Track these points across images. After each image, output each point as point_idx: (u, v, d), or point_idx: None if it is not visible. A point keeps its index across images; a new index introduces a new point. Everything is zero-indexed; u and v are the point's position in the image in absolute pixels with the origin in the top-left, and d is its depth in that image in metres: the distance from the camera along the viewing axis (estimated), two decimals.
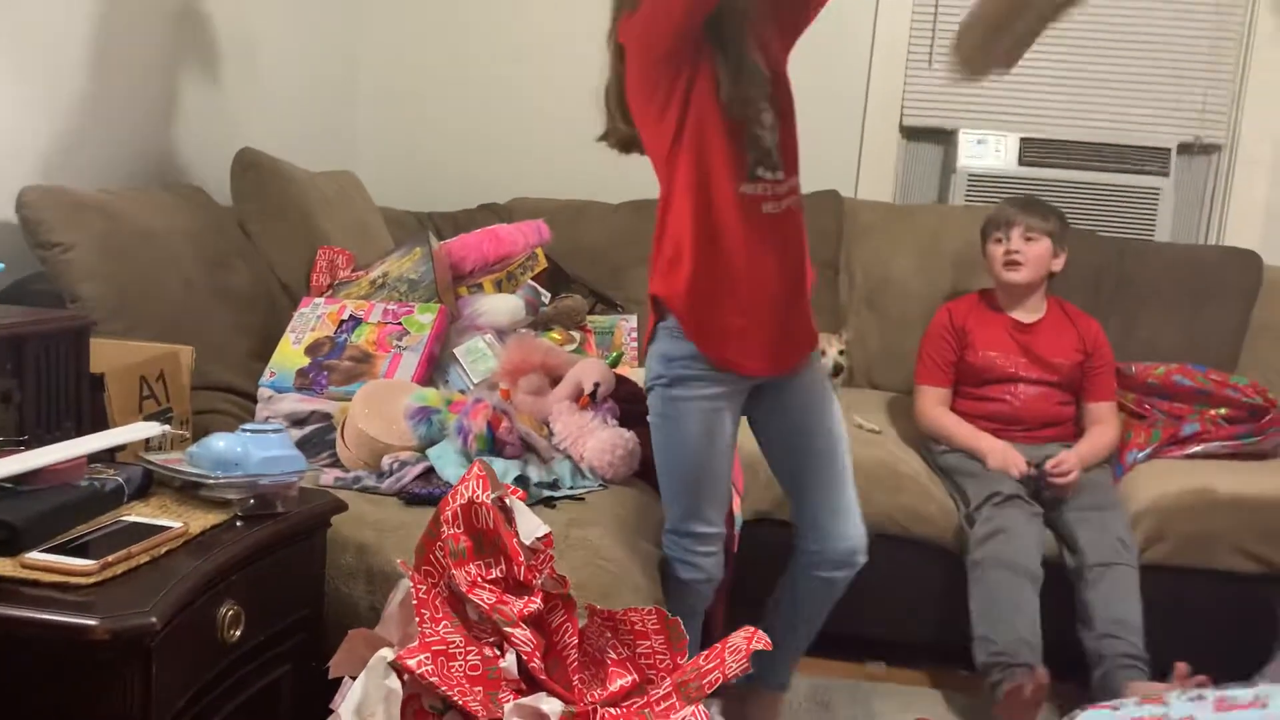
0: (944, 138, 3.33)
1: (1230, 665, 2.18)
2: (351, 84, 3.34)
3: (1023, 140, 3.17)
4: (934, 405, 2.61)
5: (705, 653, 1.40)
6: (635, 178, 3.20)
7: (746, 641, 1.39)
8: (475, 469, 1.43)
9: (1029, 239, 2.56)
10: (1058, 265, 2.60)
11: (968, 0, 1.64)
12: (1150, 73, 3.19)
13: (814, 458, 1.85)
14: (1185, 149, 3.21)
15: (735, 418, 1.81)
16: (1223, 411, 2.55)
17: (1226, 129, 3.21)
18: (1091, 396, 2.58)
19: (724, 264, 1.72)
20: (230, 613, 1.31)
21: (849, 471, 1.86)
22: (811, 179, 3.05)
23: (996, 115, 3.27)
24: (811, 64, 3.24)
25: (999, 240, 2.59)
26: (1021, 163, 3.17)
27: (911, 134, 3.36)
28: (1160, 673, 2.17)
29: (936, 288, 2.96)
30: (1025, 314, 2.61)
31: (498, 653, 1.35)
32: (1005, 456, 2.43)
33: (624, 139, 1.82)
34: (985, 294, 2.69)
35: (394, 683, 1.18)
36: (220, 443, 1.42)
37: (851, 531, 1.86)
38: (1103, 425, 2.54)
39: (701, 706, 1.35)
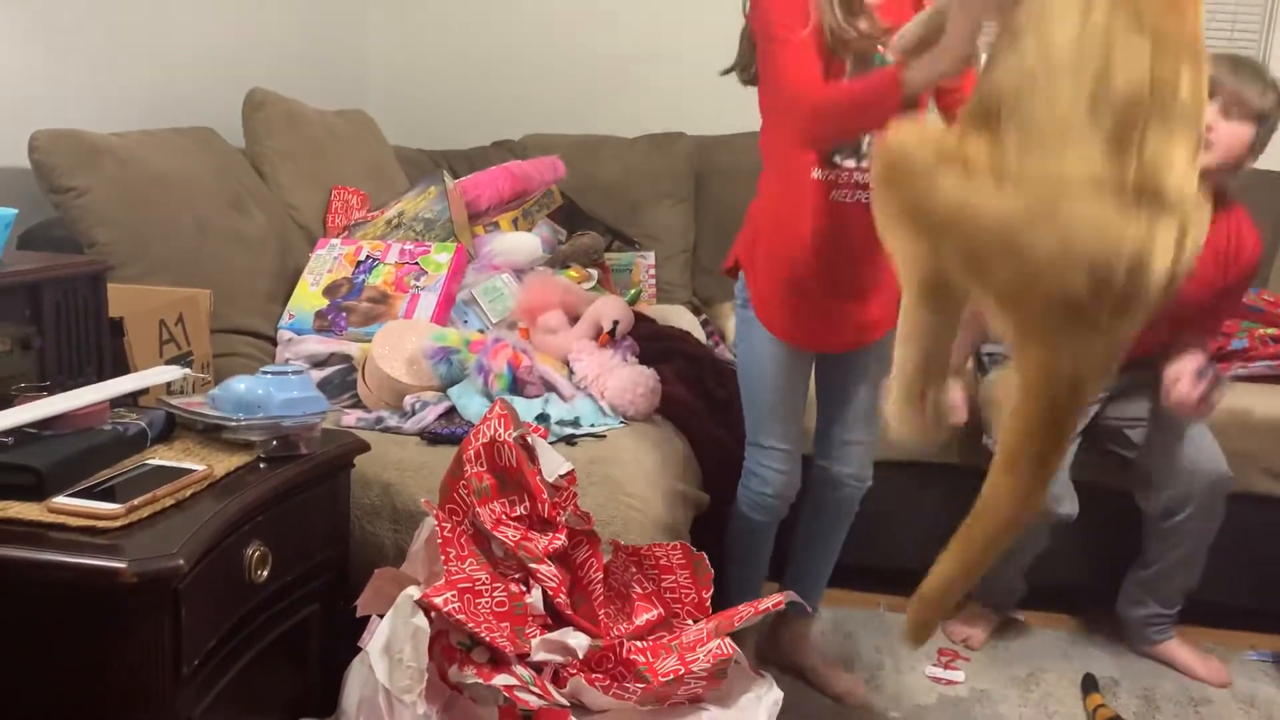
0: None
1: (1262, 589, 2.19)
2: (361, 20, 3.29)
3: None
4: None
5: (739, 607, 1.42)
6: (651, 112, 3.18)
7: (776, 603, 1.40)
8: (497, 408, 1.43)
9: (1228, 114, 1.95)
10: (1251, 162, 2.02)
11: None
12: None
13: (849, 407, 1.93)
14: None
15: (802, 357, 1.87)
16: (1271, 332, 2.50)
17: (1258, 44, 3.12)
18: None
19: (785, 242, 1.78)
20: (257, 554, 1.31)
21: (876, 419, 1.91)
22: None
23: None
24: None
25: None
26: None
27: None
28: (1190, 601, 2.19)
29: None
30: None
31: (523, 589, 1.36)
32: None
33: (751, 78, 1.82)
34: None
35: (421, 620, 1.19)
36: (241, 385, 1.42)
37: (862, 457, 1.96)
38: None
39: (729, 640, 1.36)
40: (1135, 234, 1.08)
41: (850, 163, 1.72)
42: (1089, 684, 2.12)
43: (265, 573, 1.33)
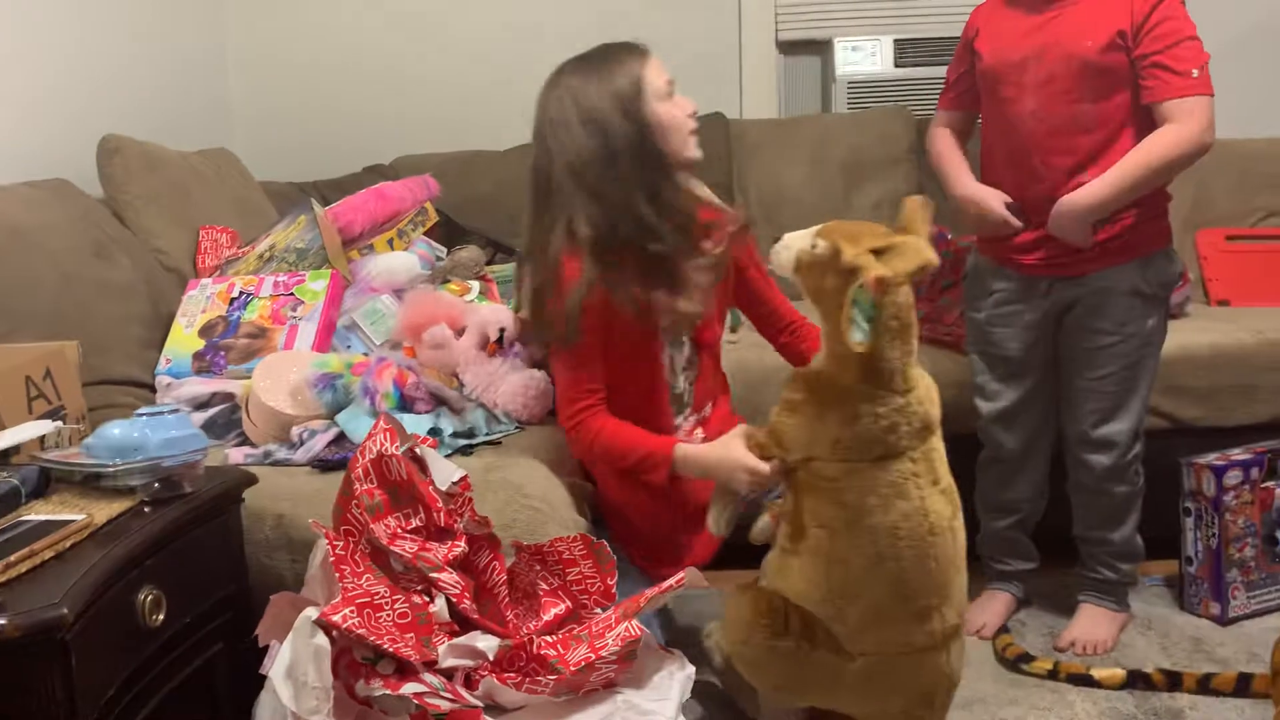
0: (820, 48, 3.35)
1: (1149, 519, 2.29)
2: (218, 58, 3.24)
3: (896, 42, 3.21)
4: (932, 129, 2.25)
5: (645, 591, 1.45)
6: (519, 123, 3.19)
7: (678, 581, 1.43)
8: (381, 422, 1.43)
9: None
10: None
11: None
12: None
13: None
14: None
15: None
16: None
17: None
18: (1152, 94, 1.95)
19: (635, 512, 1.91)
20: (150, 598, 1.29)
21: None
22: (696, 103, 3.09)
23: (868, 20, 3.29)
24: None
25: None
26: (897, 64, 3.20)
27: (788, 48, 3.37)
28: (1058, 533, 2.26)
29: (828, 196, 3.00)
30: None
31: (427, 599, 1.37)
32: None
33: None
34: None
35: (321, 640, 1.18)
36: (116, 430, 1.40)
37: None
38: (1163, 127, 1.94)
39: (637, 621, 1.38)
40: (952, 667, 1.54)
41: (679, 419, 1.90)
42: (1000, 628, 2.20)
43: (160, 616, 1.31)
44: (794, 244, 1.50)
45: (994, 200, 2.05)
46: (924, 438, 1.47)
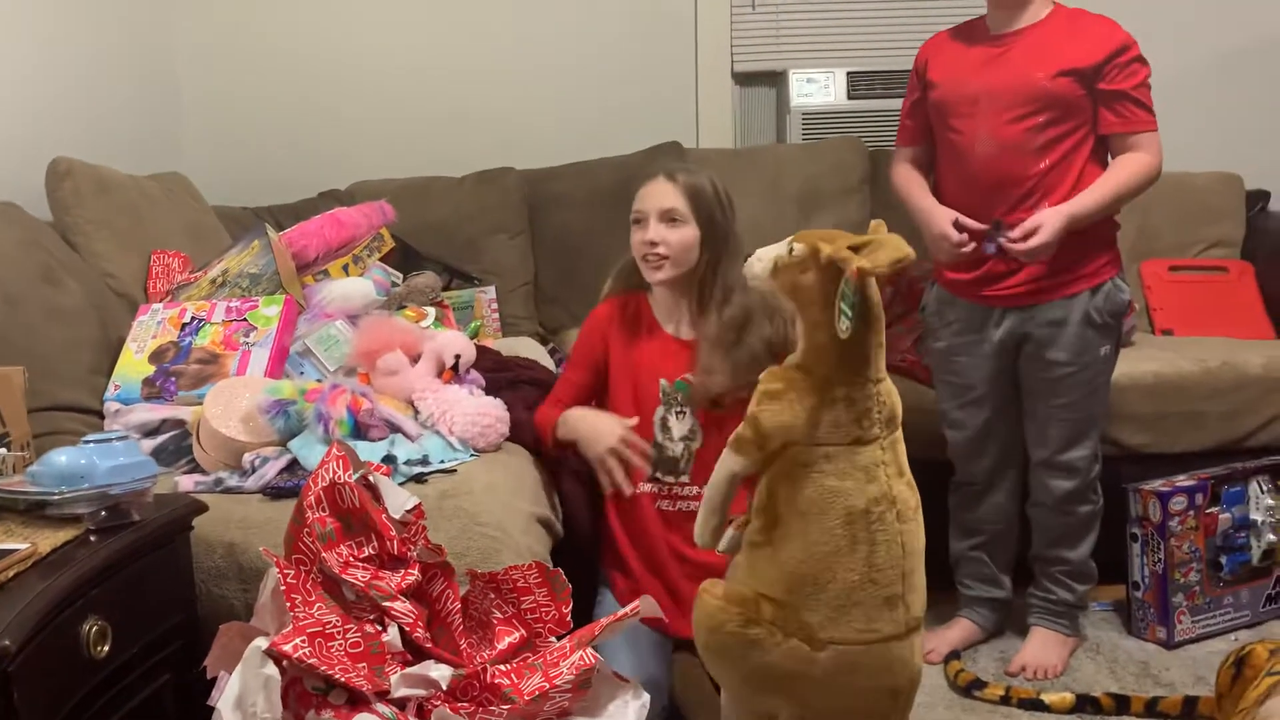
0: (775, 79, 3.39)
1: (1098, 545, 2.32)
2: (171, 82, 3.21)
3: (849, 75, 3.26)
4: (895, 165, 2.30)
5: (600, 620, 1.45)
6: (476, 150, 3.21)
7: (633, 610, 1.44)
8: (334, 450, 1.42)
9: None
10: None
11: None
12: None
13: None
14: None
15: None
16: None
17: None
18: (1121, 126, 2.05)
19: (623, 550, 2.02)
20: (95, 628, 1.27)
21: None
22: (653, 133, 3.13)
23: (823, 53, 3.34)
24: (639, 21, 3.30)
25: None
26: (850, 96, 3.26)
27: (744, 79, 3.42)
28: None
29: (783, 225, 3.01)
30: (1007, 23, 2.10)
31: (379, 628, 1.35)
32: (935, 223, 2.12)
33: None
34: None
35: (271, 670, 1.17)
36: (62, 457, 1.37)
37: None
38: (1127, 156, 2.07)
39: (590, 650, 1.37)
40: (915, 662, 1.55)
41: (670, 479, 1.98)
42: (950, 654, 2.22)
43: (106, 647, 1.29)
44: (768, 253, 1.56)
45: (939, 216, 2.10)
46: (891, 428, 1.53)
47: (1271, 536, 2.34)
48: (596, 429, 1.93)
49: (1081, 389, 2.11)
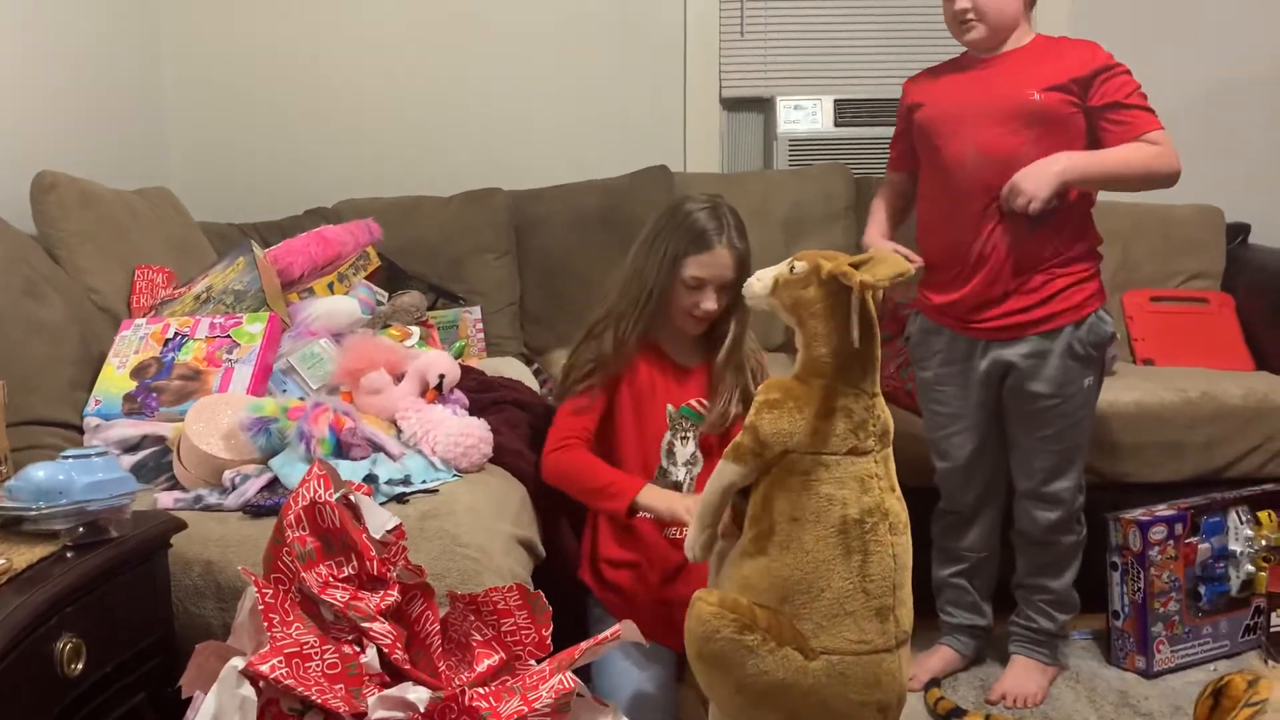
0: (763, 106, 3.42)
1: (1079, 575, 2.33)
2: (158, 97, 3.20)
3: (836, 102, 3.29)
4: (877, 189, 2.34)
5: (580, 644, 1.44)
6: (464, 171, 3.21)
7: (613, 634, 1.43)
8: (315, 469, 1.41)
9: None
10: (1028, 6, 2.12)
11: None
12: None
13: None
14: None
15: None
16: None
17: None
18: (1129, 130, 2.04)
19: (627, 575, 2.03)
20: (69, 646, 1.26)
21: None
22: (641, 156, 3.14)
23: (810, 80, 3.37)
24: (628, 45, 3.32)
25: None
26: (837, 124, 3.28)
27: (732, 104, 3.44)
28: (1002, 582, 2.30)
29: (768, 250, 3.01)
30: (990, 50, 2.12)
31: (358, 649, 1.34)
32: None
33: None
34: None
35: (247, 690, 1.16)
36: (40, 473, 1.37)
37: None
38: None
39: (570, 674, 1.37)
40: (902, 677, 1.57)
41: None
42: (930, 682, 2.22)
43: (79, 666, 1.28)
44: (768, 274, 1.61)
45: (878, 244, 2.15)
46: (885, 442, 1.57)
47: (1250, 567, 2.35)
48: (674, 510, 1.87)
49: (1064, 420, 2.12)
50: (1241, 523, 2.36)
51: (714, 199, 2.08)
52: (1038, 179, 1.97)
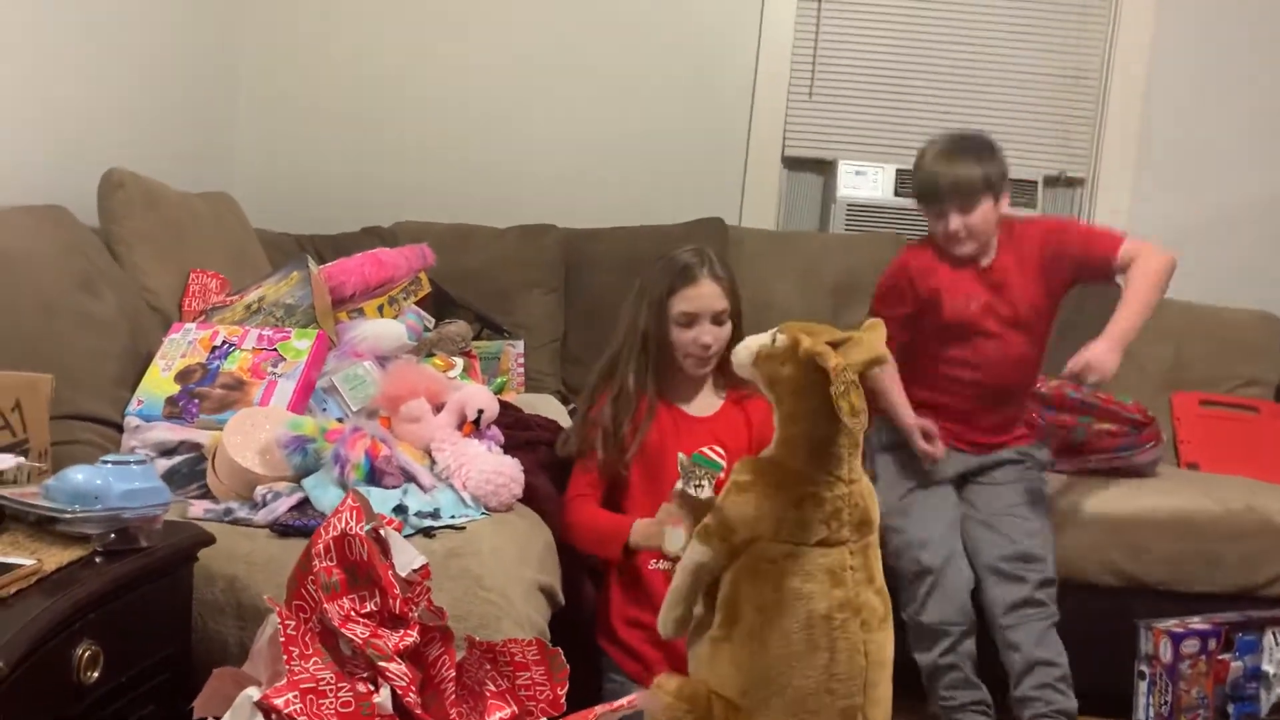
0: (824, 168, 3.41)
1: (1098, 674, 2.28)
2: (230, 103, 3.26)
3: (899, 171, 3.28)
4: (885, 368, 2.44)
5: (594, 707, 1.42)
6: (521, 204, 3.23)
7: (630, 702, 1.43)
8: (349, 499, 1.41)
9: (965, 211, 2.24)
10: (1005, 205, 2.31)
11: (846, 34, 1.71)
12: (1017, 108, 3.33)
13: None
14: (1051, 182, 3.35)
15: None
16: (1107, 426, 2.63)
17: (1088, 163, 3.37)
18: (1107, 260, 2.25)
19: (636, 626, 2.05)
20: (87, 653, 1.25)
21: None
22: (697, 207, 3.15)
23: (874, 147, 3.36)
24: (697, 97, 3.34)
25: (936, 215, 2.28)
26: (897, 193, 3.27)
27: (793, 164, 3.44)
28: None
29: (816, 312, 3.01)
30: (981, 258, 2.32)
31: (371, 689, 1.33)
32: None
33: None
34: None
35: None
36: (79, 475, 1.37)
37: None
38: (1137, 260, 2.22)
39: None
40: None
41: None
42: None
43: (96, 673, 1.27)
44: (754, 343, 1.57)
45: (917, 435, 2.30)
46: (863, 533, 1.50)
47: None
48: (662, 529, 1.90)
49: (1025, 482, 2.31)
50: (1277, 644, 2.30)
51: (694, 245, 2.16)
52: (1112, 361, 2.14)
